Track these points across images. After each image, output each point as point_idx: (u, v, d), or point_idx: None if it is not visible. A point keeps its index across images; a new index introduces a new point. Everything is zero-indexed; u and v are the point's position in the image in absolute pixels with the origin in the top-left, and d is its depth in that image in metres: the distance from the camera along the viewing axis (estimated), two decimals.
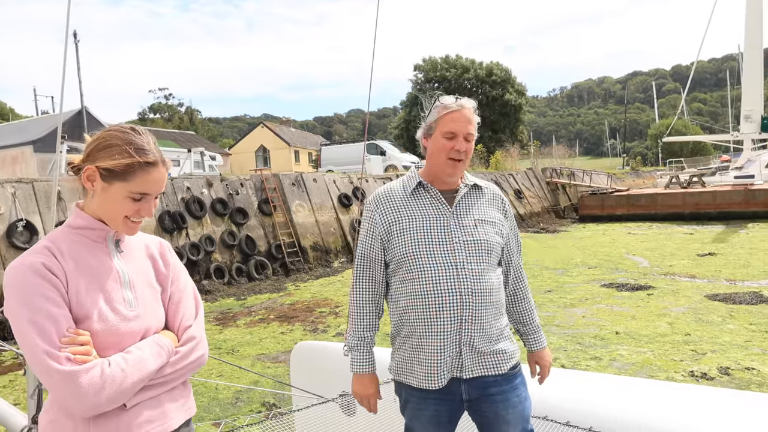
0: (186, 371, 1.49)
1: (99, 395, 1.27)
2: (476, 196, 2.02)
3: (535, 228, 21.99)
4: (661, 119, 68.25)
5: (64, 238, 1.43)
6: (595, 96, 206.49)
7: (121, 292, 1.44)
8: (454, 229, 1.91)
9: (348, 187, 16.76)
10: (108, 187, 1.42)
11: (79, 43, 21.35)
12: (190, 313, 1.57)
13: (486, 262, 1.91)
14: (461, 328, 1.85)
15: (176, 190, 12.57)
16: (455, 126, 1.92)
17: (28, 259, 1.34)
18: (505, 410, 1.89)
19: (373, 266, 2.00)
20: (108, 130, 1.46)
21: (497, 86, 41.06)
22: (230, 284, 12.06)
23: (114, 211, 1.44)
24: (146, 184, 1.44)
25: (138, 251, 1.56)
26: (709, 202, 21.63)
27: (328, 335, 7.68)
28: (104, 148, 1.42)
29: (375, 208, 2.00)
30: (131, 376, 1.33)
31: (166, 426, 1.44)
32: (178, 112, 54.48)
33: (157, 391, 1.43)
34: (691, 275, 10.46)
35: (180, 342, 1.51)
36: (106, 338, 1.37)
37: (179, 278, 1.61)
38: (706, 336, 6.51)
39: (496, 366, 1.90)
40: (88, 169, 1.42)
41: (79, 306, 1.35)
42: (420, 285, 1.87)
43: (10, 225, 9.41)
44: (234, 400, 5.36)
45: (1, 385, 6.29)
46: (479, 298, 1.86)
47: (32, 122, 31.47)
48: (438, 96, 2.00)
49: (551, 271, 11.76)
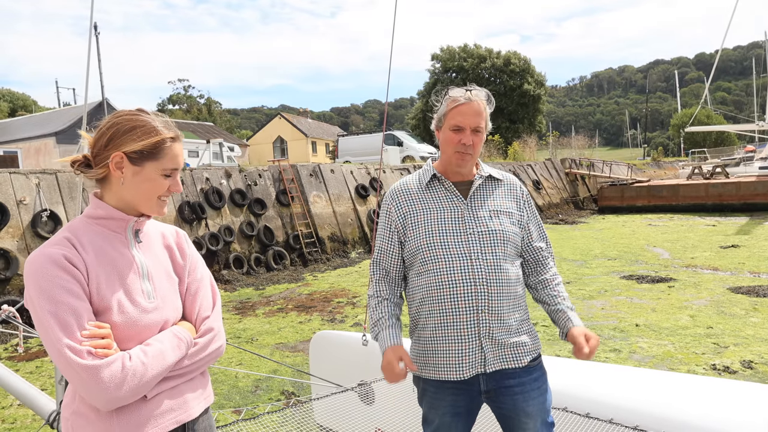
0: (204, 362, 1.51)
1: (120, 389, 1.28)
2: (492, 187, 2.01)
3: (554, 219, 21.78)
4: (683, 109, 66.81)
5: (83, 229, 1.42)
6: (616, 85, 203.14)
7: (140, 283, 1.44)
8: (468, 221, 1.91)
9: (365, 178, 16.76)
10: (140, 170, 1.42)
11: (99, 36, 21.58)
12: (207, 304, 1.57)
13: (502, 252, 1.90)
14: (478, 319, 1.84)
15: (195, 180, 12.70)
16: (462, 119, 1.92)
17: (48, 250, 1.33)
18: (525, 402, 1.88)
19: (390, 260, 2.00)
20: (118, 116, 1.45)
21: (516, 76, 40.58)
22: (249, 274, 12.18)
23: (149, 192, 1.44)
24: (175, 159, 1.46)
25: (155, 241, 1.56)
26: (732, 194, 21.20)
27: (346, 325, 7.72)
28: (126, 132, 1.41)
29: (391, 202, 2.02)
30: (151, 370, 1.34)
31: (187, 415, 1.46)
32: (197, 104, 54.83)
33: (176, 382, 1.44)
34: (714, 267, 10.29)
35: (198, 333, 1.51)
36: (126, 330, 1.37)
37: (196, 269, 1.60)
38: (728, 329, 6.41)
39: (516, 359, 1.89)
40: (115, 156, 1.40)
41: (99, 298, 1.35)
42: (435, 277, 1.88)
43: (34, 215, 9.60)
44: (254, 389, 5.43)
45: (27, 371, 6.45)
46: (496, 289, 1.85)
47: (54, 114, 32.00)
48: (448, 88, 1.99)
49: (570, 263, 11.66)
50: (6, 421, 5.01)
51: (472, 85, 1.98)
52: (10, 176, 9.73)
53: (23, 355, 7.09)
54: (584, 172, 28.34)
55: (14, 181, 9.70)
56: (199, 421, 1.51)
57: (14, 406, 5.32)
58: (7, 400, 5.46)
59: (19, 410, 5.20)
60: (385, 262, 2.02)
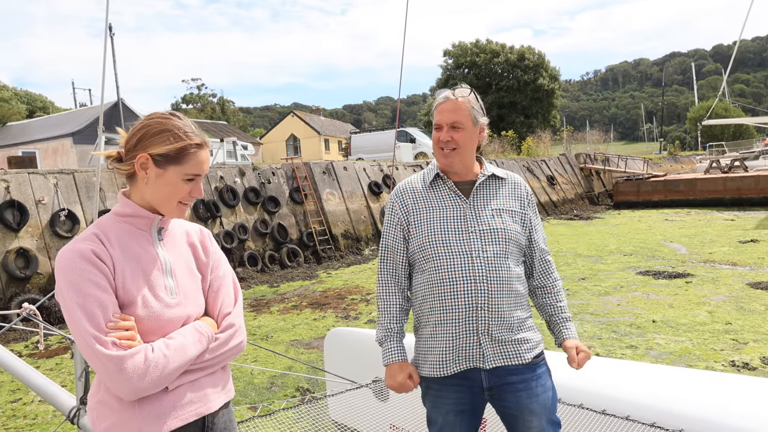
0: (225, 357, 1.54)
1: (142, 379, 1.33)
2: (495, 186, 2.02)
3: (569, 215, 21.62)
4: (700, 102, 65.83)
5: (111, 226, 1.48)
6: (631, 79, 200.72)
7: (163, 279, 1.48)
8: (470, 220, 1.93)
9: (378, 175, 16.77)
10: (163, 172, 1.47)
11: (114, 36, 21.80)
12: (229, 301, 1.61)
13: (503, 250, 1.90)
14: (476, 316, 1.84)
15: (210, 179, 12.80)
16: (440, 117, 1.97)
17: (78, 245, 1.39)
18: (529, 399, 1.87)
19: (395, 257, 2.02)
20: (151, 118, 1.50)
21: (529, 71, 40.27)
22: (263, 272, 12.26)
23: (170, 195, 1.49)
24: (198, 165, 1.50)
25: (179, 239, 1.60)
26: (751, 187, 20.87)
27: (360, 322, 7.74)
28: (154, 135, 1.46)
29: (396, 199, 2.05)
30: (173, 362, 1.39)
31: (207, 407, 1.50)
32: (210, 103, 55.19)
33: (197, 375, 1.48)
34: (732, 263, 10.14)
35: (219, 329, 1.55)
36: (149, 324, 1.42)
37: (219, 266, 1.65)
38: (747, 325, 6.32)
39: (518, 355, 1.88)
40: (140, 157, 1.46)
41: (124, 292, 1.40)
42: (436, 274, 1.89)
43: (53, 215, 9.75)
44: (269, 385, 5.47)
45: (48, 368, 6.56)
46: (495, 286, 1.86)
47: (71, 115, 32.41)
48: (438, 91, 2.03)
49: (585, 259, 11.57)
50: (28, 416, 5.11)
51: (462, 84, 2.01)
52: (29, 176, 9.89)
53: (44, 352, 7.22)
54: (599, 167, 28.07)
55: (33, 182, 9.86)
56: (219, 415, 1.55)
57: (35, 402, 5.42)
58: (28, 397, 5.56)
59: (40, 406, 5.29)
60: (391, 259, 2.03)
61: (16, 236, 9.22)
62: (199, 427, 1.48)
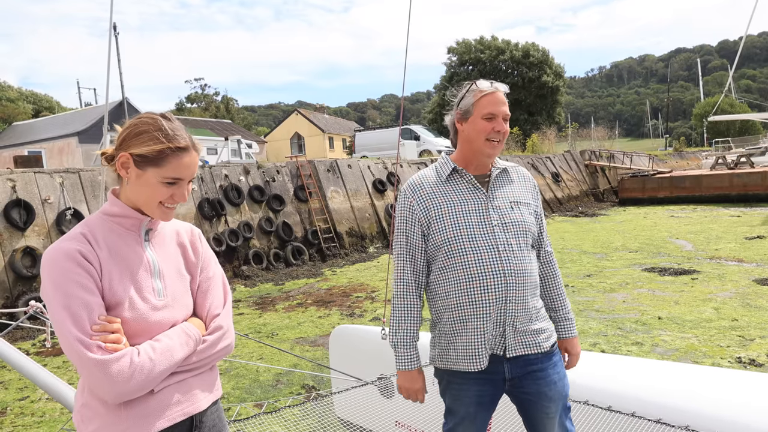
0: (212, 359, 1.53)
1: (128, 383, 1.31)
2: (508, 179, 2.05)
3: (574, 212, 21.56)
4: (706, 98, 65.37)
5: (99, 225, 1.45)
6: (636, 75, 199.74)
7: (151, 281, 1.46)
8: (491, 213, 1.93)
9: (382, 173, 16.76)
10: (142, 173, 1.44)
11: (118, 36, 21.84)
12: (218, 302, 1.59)
13: (524, 242, 1.94)
14: (505, 308, 1.87)
15: (214, 177, 12.83)
16: (494, 108, 1.95)
17: (64, 244, 1.36)
18: (547, 387, 1.92)
19: (416, 256, 1.99)
20: (138, 118, 1.48)
21: (534, 68, 40.12)
22: (268, 269, 12.29)
23: (149, 197, 1.45)
24: (179, 169, 1.45)
25: (169, 239, 1.58)
26: (757, 184, 20.72)
27: (365, 320, 7.75)
28: (136, 135, 1.44)
29: (412, 195, 2.00)
30: (159, 365, 1.37)
31: (195, 407, 1.49)
32: (214, 102, 55.25)
33: (184, 376, 1.47)
34: (739, 259, 10.09)
35: (208, 331, 1.53)
36: (136, 326, 1.40)
37: (208, 267, 1.62)
38: (754, 321, 6.29)
39: (538, 344, 1.92)
40: (121, 156, 1.43)
41: (111, 293, 1.38)
42: (463, 269, 1.88)
43: (59, 213, 9.80)
44: (274, 382, 5.48)
45: (55, 365, 6.60)
46: (522, 279, 1.89)
47: (76, 114, 32.54)
48: (474, 81, 2.02)
49: (590, 256, 11.54)
50: (35, 414, 5.15)
51: (492, 81, 2.04)
52: (35, 176, 9.94)
53: (51, 350, 7.26)
54: (604, 163, 27.95)
55: (39, 181, 9.91)
56: (207, 414, 1.54)
57: (43, 400, 5.45)
58: (36, 394, 5.60)
59: (48, 404, 5.33)
60: (411, 257, 1.98)
61: (23, 235, 9.27)
62: (187, 427, 1.48)
